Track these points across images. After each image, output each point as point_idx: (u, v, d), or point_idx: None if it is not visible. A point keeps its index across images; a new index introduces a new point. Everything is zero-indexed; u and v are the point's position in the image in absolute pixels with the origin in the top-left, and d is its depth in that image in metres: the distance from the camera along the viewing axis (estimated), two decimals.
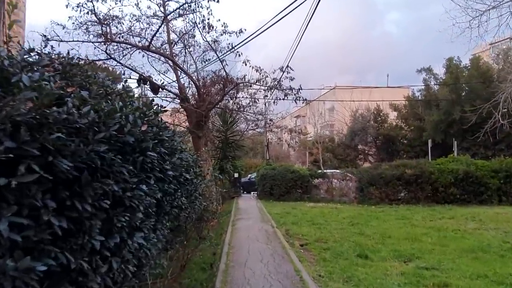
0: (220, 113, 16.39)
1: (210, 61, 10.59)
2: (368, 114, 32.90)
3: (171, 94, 11.16)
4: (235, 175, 21.18)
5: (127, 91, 3.23)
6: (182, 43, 10.34)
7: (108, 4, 8.71)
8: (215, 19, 9.40)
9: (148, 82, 10.71)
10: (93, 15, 7.91)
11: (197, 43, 10.50)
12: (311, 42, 73.85)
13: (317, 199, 17.56)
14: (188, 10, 9.09)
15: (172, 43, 10.17)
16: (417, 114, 28.86)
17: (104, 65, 9.59)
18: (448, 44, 57.26)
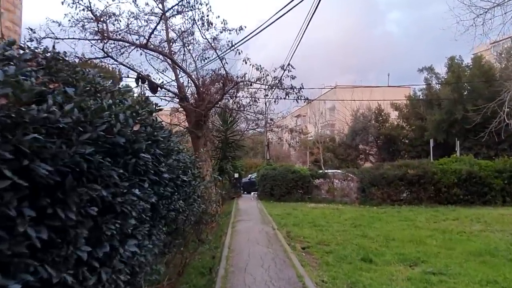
0: (220, 112, 16.19)
1: (209, 59, 10.41)
2: (369, 114, 32.70)
3: (170, 94, 10.97)
4: (235, 175, 20.99)
5: (120, 89, 3.04)
6: (181, 41, 10.14)
7: (105, 0, 8.51)
8: (214, 16, 9.21)
9: (147, 81, 10.51)
10: (89, 12, 7.72)
11: (196, 41, 10.32)
12: (312, 41, 73.66)
13: (318, 199, 17.36)
14: (187, 7, 8.91)
15: (170, 41, 9.97)
16: (419, 114, 28.65)
17: (101, 63, 9.41)
18: (449, 43, 57.06)
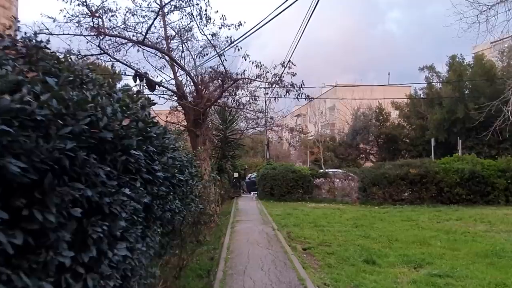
0: (219, 111, 16.00)
1: (208, 56, 10.20)
2: (370, 113, 32.51)
3: (168, 91, 10.76)
4: (235, 174, 20.82)
5: (110, 81, 2.85)
6: (179, 37, 9.93)
7: None
8: (212, 11, 9.00)
9: (145, 79, 10.31)
10: (85, 7, 7.53)
11: (194, 37, 10.10)
12: (312, 41, 73.55)
13: (319, 199, 17.21)
14: (185, 2, 8.70)
15: (168, 38, 9.75)
16: (420, 113, 28.46)
17: (98, 60, 9.21)
18: (449, 43, 56.95)
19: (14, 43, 2.19)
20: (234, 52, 8.90)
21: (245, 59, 8.40)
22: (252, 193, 20.07)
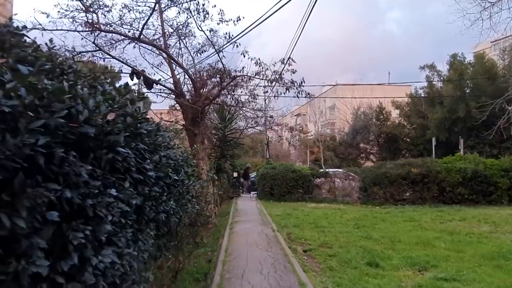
0: (218, 109, 15.78)
1: (206, 52, 9.98)
2: (370, 112, 32.31)
3: (166, 90, 10.55)
4: (234, 174, 20.60)
5: (95, 73, 2.64)
6: (176, 33, 9.72)
7: None
8: (210, 5, 8.77)
9: (142, 77, 10.10)
10: (79, 1, 7.30)
11: (191, 33, 9.88)
12: (312, 41, 73.28)
13: (319, 199, 16.97)
14: None
15: (165, 33, 9.53)
16: (420, 112, 28.26)
17: (93, 57, 8.99)
18: (449, 42, 56.85)
19: None
20: (233, 49, 8.69)
21: (244, 56, 8.20)
22: (251, 193, 19.86)
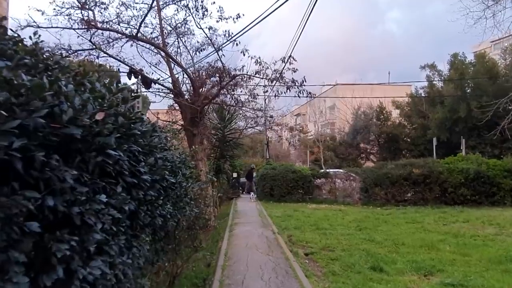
0: (217, 109, 15.57)
1: (205, 51, 9.79)
2: (371, 112, 32.12)
3: (165, 89, 10.35)
4: (234, 175, 20.41)
5: (84, 70, 2.45)
6: (174, 31, 9.52)
7: None
8: (209, 1, 8.57)
9: (140, 76, 9.91)
10: None
11: (190, 30, 9.68)
12: (312, 41, 73.05)
13: (320, 200, 16.78)
14: None
15: (163, 31, 9.33)
16: (421, 112, 28.08)
17: (90, 56, 8.79)
18: (449, 42, 56.78)
19: None
20: (233, 47, 8.50)
21: (244, 54, 8.01)
22: (251, 193, 19.68)
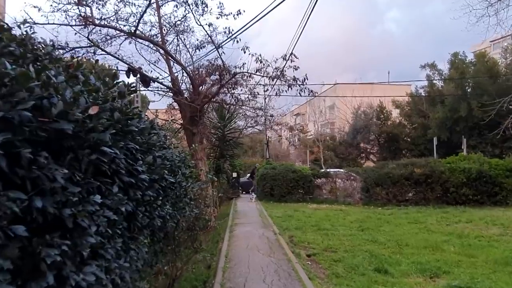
0: (217, 108, 15.43)
1: (205, 49, 9.64)
2: (371, 112, 32.00)
3: (164, 88, 10.20)
4: (234, 174, 20.26)
5: (77, 61, 2.30)
6: (173, 29, 9.37)
7: None
8: None
9: (139, 74, 9.76)
10: None
11: (189, 28, 9.53)
12: (313, 41, 73.01)
13: (320, 200, 16.65)
14: None
15: (163, 28, 9.18)
16: (421, 111, 27.97)
17: (88, 54, 8.64)
18: (449, 42, 56.70)
19: None
20: (233, 45, 8.35)
21: (245, 52, 7.86)
22: (251, 193, 19.55)
